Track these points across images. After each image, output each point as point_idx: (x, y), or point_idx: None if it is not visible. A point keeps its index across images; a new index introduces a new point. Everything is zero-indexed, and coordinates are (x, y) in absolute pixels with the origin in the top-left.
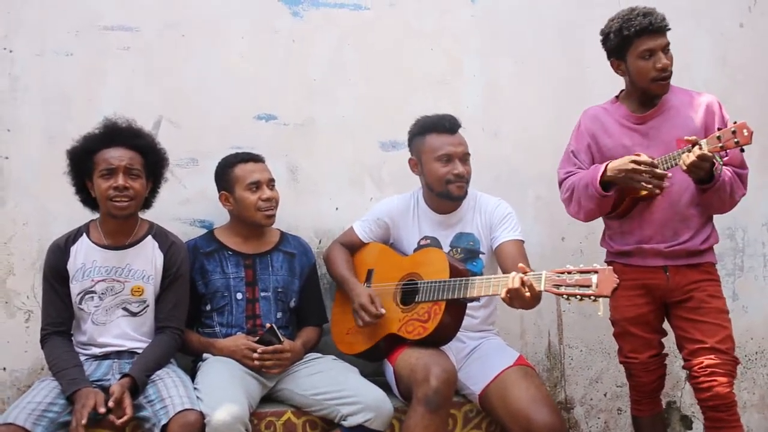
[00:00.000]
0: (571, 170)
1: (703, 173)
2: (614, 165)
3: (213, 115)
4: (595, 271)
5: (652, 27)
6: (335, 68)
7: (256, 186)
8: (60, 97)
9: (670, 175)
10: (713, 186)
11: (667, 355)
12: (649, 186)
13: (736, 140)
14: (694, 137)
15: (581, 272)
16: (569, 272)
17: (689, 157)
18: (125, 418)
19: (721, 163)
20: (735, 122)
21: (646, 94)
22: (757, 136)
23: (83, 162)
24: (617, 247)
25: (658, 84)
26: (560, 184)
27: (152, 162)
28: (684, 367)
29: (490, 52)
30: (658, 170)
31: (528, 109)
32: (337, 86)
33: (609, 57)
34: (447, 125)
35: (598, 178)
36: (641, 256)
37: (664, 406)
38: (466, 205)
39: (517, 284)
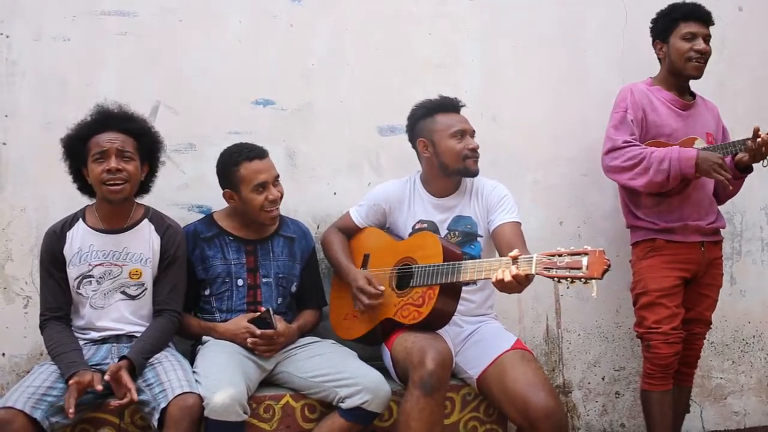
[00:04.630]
0: (629, 140)
1: (757, 161)
2: (705, 156)
3: (211, 101)
4: (586, 254)
5: (697, 13)
6: (333, 53)
7: (263, 187)
8: (57, 82)
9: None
10: (746, 175)
11: (684, 334)
12: (724, 179)
13: None
14: (757, 126)
15: (572, 254)
16: (560, 254)
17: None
18: (126, 399)
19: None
20: None
21: (681, 81)
22: (756, 119)
23: (77, 149)
24: (662, 224)
25: (692, 65)
26: (614, 149)
27: (146, 145)
28: None
29: (488, 36)
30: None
31: (526, 93)
32: (335, 71)
33: (654, 41)
34: (454, 104)
35: (694, 164)
36: (683, 233)
37: None
38: (463, 188)
39: (507, 278)
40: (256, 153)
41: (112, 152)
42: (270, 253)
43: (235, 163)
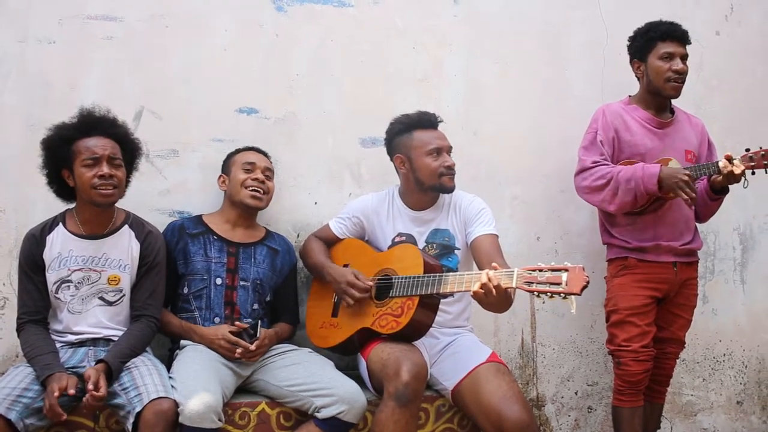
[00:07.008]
0: (598, 160)
1: (731, 183)
2: (669, 172)
3: (195, 107)
4: (566, 269)
5: (675, 33)
6: (318, 64)
7: (251, 167)
8: (42, 84)
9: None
10: (723, 197)
11: (654, 352)
12: (688, 197)
13: (766, 162)
14: (729, 153)
15: (552, 270)
16: (540, 270)
17: (736, 169)
18: (98, 394)
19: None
20: (761, 147)
21: (660, 99)
22: (731, 141)
23: (60, 151)
24: (635, 243)
25: (671, 85)
26: (583, 170)
27: (129, 152)
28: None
29: (471, 51)
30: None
31: (508, 108)
32: (319, 82)
33: (632, 60)
34: (432, 120)
35: (656, 180)
36: (656, 252)
37: None
38: (441, 201)
39: (484, 279)
40: (256, 148)
41: (104, 158)
42: (252, 258)
43: (235, 153)
